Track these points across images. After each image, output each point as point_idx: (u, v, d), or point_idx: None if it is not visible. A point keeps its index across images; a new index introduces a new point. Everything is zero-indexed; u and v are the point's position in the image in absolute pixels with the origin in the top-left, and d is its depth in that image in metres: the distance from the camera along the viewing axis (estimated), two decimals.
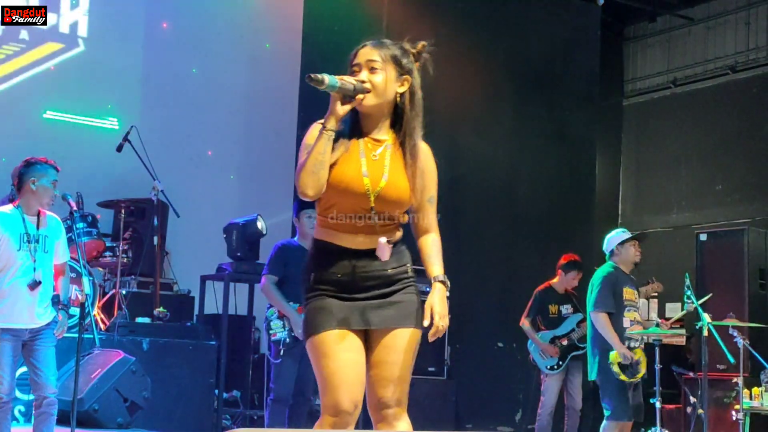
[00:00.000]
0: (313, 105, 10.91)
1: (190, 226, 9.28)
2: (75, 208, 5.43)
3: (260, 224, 8.61)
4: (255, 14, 11.41)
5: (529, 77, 10.85)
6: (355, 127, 3.52)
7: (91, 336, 6.70)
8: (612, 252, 7.26)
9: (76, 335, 5.55)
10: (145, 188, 8.76)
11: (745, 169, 12.17)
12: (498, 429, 9.84)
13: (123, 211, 8.83)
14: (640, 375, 6.92)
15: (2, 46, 10.03)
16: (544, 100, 10.92)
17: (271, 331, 6.79)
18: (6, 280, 5.36)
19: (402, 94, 3.57)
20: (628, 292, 7.07)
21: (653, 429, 6.92)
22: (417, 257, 3.75)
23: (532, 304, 8.50)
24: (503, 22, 10.78)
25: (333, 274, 3.47)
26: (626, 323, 6.95)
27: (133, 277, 8.93)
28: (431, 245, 3.70)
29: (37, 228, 5.45)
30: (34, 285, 5.35)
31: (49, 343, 5.43)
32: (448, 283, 3.64)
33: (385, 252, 3.48)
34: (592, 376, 7.11)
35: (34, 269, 5.39)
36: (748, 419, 7.85)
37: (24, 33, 10.13)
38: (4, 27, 9.98)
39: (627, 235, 7.25)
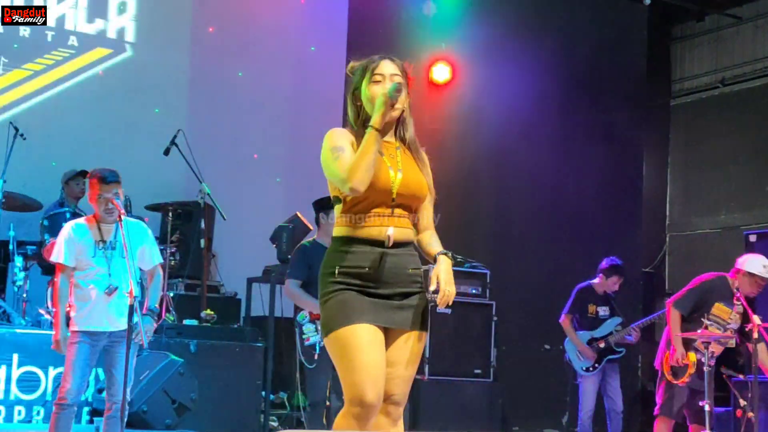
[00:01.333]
0: None
1: (236, 228, 9.33)
2: (122, 211, 5.47)
3: (305, 220, 8.63)
4: (300, 17, 11.45)
5: (575, 78, 10.79)
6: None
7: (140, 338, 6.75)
8: (738, 270, 6.99)
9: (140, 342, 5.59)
10: (192, 191, 8.82)
11: None
12: (544, 431, 9.79)
13: (170, 214, 8.89)
14: (682, 379, 6.83)
15: (52, 51, 10.16)
16: (590, 101, 10.86)
17: (303, 336, 6.76)
18: (84, 286, 5.44)
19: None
20: (720, 308, 6.91)
21: None
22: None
23: (573, 302, 8.43)
24: (549, 24, 10.74)
25: (359, 267, 3.65)
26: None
27: (180, 279, 9.00)
28: (431, 236, 3.89)
29: (114, 234, 5.49)
30: (111, 291, 5.41)
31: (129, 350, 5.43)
32: (450, 253, 3.78)
33: (389, 239, 3.67)
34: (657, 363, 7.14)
35: (109, 275, 5.44)
36: None
37: (73, 39, 10.25)
38: (54, 34, 10.12)
39: (764, 273, 6.88)
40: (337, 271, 3.66)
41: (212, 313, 8.22)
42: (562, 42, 10.79)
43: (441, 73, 10.76)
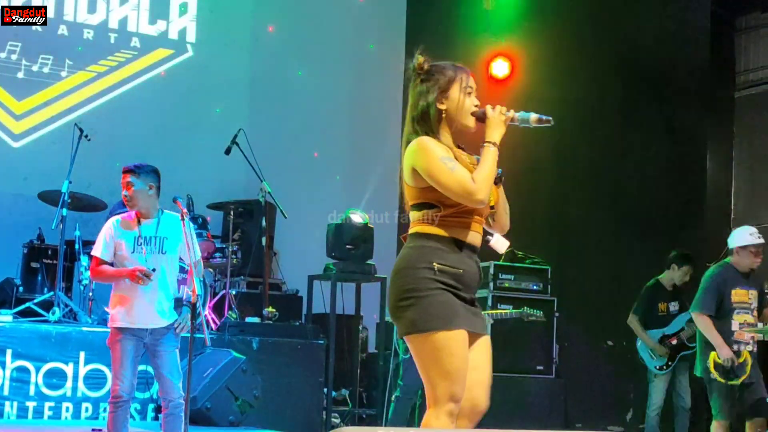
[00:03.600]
0: None
1: (297, 226, 9.38)
2: (185, 210, 5.51)
3: (355, 217, 8.64)
4: (359, 16, 11.48)
5: (636, 71, 10.66)
6: (452, 141, 3.87)
7: (203, 336, 6.84)
8: (732, 250, 7.10)
9: (188, 335, 5.63)
10: (253, 190, 8.90)
11: None
12: (608, 428, 9.70)
13: (232, 212, 8.97)
14: (741, 379, 6.76)
15: (115, 53, 10.31)
16: (652, 94, 10.71)
17: None
18: (126, 282, 5.48)
19: None
20: (739, 294, 6.93)
21: None
22: None
23: (641, 301, 8.35)
24: (610, 16, 10.63)
25: (456, 269, 3.68)
26: (735, 326, 6.84)
27: (242, 277, 9.08)
28: None
29: (156, 230, 5.54)
30: (148, 273, 5.42)
31: (171, 347, 5.46)
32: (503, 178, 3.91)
33: (501, 246, 3.88)
34: (697, 372, 7.06)
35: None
36: None
37: (135, 41, 10.40)
38: (117, 36, 10.26)
39: (753, 240, 6.99)
40: (436, 268, 3.65)
41: (274, 310, 8.28)
42: (622, 33, 10.66)
43: (500, 68, 10.72)
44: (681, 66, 11.00)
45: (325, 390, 8.15)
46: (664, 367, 8.19)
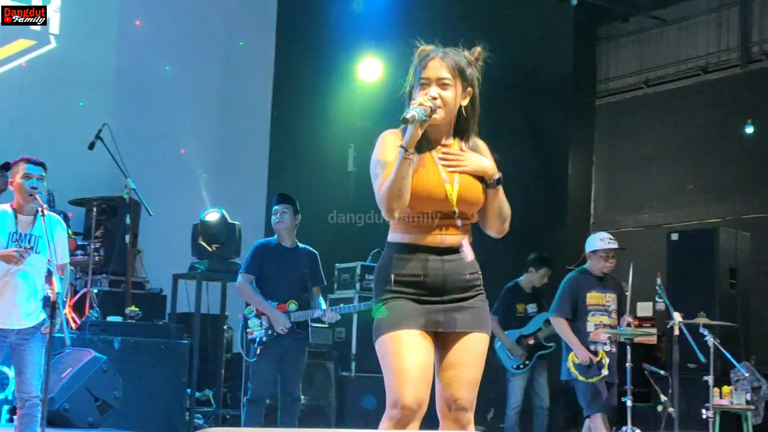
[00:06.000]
0: (286, 104, 10.90)
1: (162, 224, 9.24)
2: (45, 205, 5.37)
3: (211, 217, 8.60)
4: (229, 12, 11.37)
5: (502, 77, 10.85)
6: (424, 138, 3.59)
7: (62, 335, 6.66)
8: (586, 255, 7.36)
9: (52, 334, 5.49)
10: (117, 186, 8.71)
11: (717, 169, 12.27)
12: None
13: (95, 209, 8.79)
14: (599, 377, 7.01)
15: None
16: (517, 100, 10.95)
17: (248, 330, 6.80)
18: None
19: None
20: (594, 297, 7.19)
21: (624, 428, 6.97)
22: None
23: (500, 303, 8.52)
24: (476, 22, 10.81)
25: (415, 276, 3.56)
26: (590, 327, 7.11)
27: (104, 275, 8.89)
28: None
29: (32, 228, 5.37)
30: (26, 249, 5.25)
31: (36, 346, 5.33)
32: (500, 184, 3.73)
33: (468, 252, 3.60)
34: (562, 376, 7.26)
35: (21, 269, 5.31)
36: (718, 418, 7.92)
37: None
38: None
39: (602, 245, 7.25)
40: (393, 279, 3.57)
41: (137, 309, 8.14)
42: (488, 39, 10.81)
43: (370, 70, 10.78)
44: (545, 73, 11.29)
45: (189, 390, 8.06)
46: (521, 367, 8.39)
